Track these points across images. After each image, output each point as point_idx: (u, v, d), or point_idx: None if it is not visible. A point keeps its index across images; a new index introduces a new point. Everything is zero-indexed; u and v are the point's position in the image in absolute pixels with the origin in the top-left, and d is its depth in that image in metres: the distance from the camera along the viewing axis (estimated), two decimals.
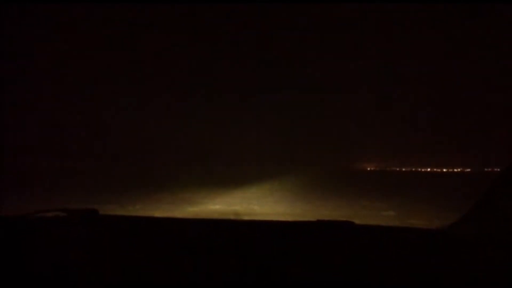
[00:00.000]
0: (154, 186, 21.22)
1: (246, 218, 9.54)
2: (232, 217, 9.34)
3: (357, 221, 1.59)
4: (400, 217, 10.38)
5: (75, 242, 1.29)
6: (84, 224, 1.51)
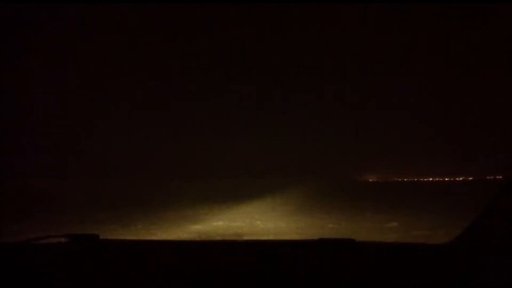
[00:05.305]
0: (155, 203, 21.12)
1: (249, 236, 9.47)
2: (234, 236, 9.27)
3: (361, 234, 1.58)
4: (403, 228, 10.30)
5: (77, 270, 1.28)
6: (84, 251, 1.50)
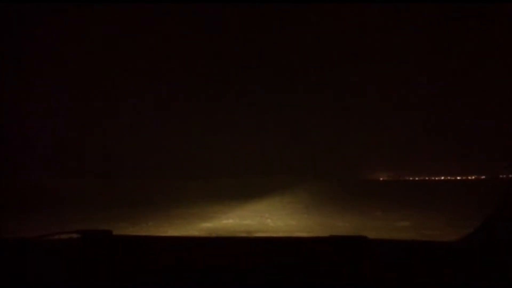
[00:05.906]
0: (164, 201, 21.24)
1: (259, 233, 9.49)
2: (244, 234, 9.29)
3: (371, 233, 1.58)
4: (414, 227, 10.22)
5: (90, 264, 1.30)
6: (98, 246, 1.51)
